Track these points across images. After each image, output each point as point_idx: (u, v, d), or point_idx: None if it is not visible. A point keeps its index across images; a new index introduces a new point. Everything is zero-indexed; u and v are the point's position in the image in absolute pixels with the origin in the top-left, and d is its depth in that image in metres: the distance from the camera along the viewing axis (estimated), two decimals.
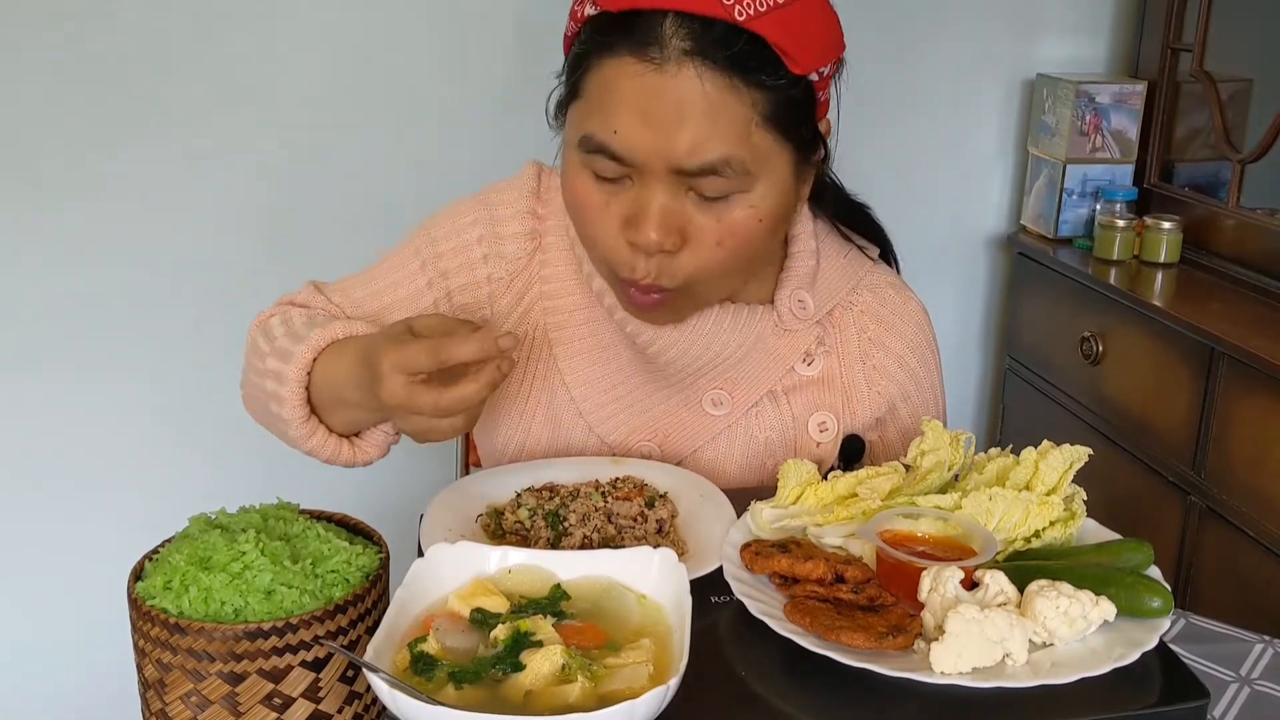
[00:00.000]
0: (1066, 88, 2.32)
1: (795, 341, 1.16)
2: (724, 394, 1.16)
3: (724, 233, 1.00)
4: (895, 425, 1.21)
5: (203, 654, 0.81)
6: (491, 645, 0.79)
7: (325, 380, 1.05)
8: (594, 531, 1.01)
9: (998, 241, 2.56)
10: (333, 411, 1.07)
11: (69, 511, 2.20)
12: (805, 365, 1.17)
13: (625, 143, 0.96)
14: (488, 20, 2.18)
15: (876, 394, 1.19)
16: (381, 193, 2.21)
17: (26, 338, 2.12)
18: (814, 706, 0.79)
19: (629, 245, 1.00)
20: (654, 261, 1.00)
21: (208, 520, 0.91)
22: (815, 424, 1.17)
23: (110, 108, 2.05)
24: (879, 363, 1.19)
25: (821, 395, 1.18)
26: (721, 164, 0.96)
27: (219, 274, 2.17)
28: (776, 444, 1.17)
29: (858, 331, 1.20)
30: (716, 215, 0.99)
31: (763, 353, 1.15)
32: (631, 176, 0.99)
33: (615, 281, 1.06)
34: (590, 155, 0.99)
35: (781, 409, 1.17)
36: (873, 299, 1.21)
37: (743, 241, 1.01)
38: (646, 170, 0.97)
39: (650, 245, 0.98)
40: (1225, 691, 0.94)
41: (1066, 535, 0.95)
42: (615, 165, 0.98)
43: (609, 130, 0.97)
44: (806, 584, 0.88)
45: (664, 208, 0.98)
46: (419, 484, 1.51)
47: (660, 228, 0.98)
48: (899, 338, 1.20)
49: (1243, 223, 2.14)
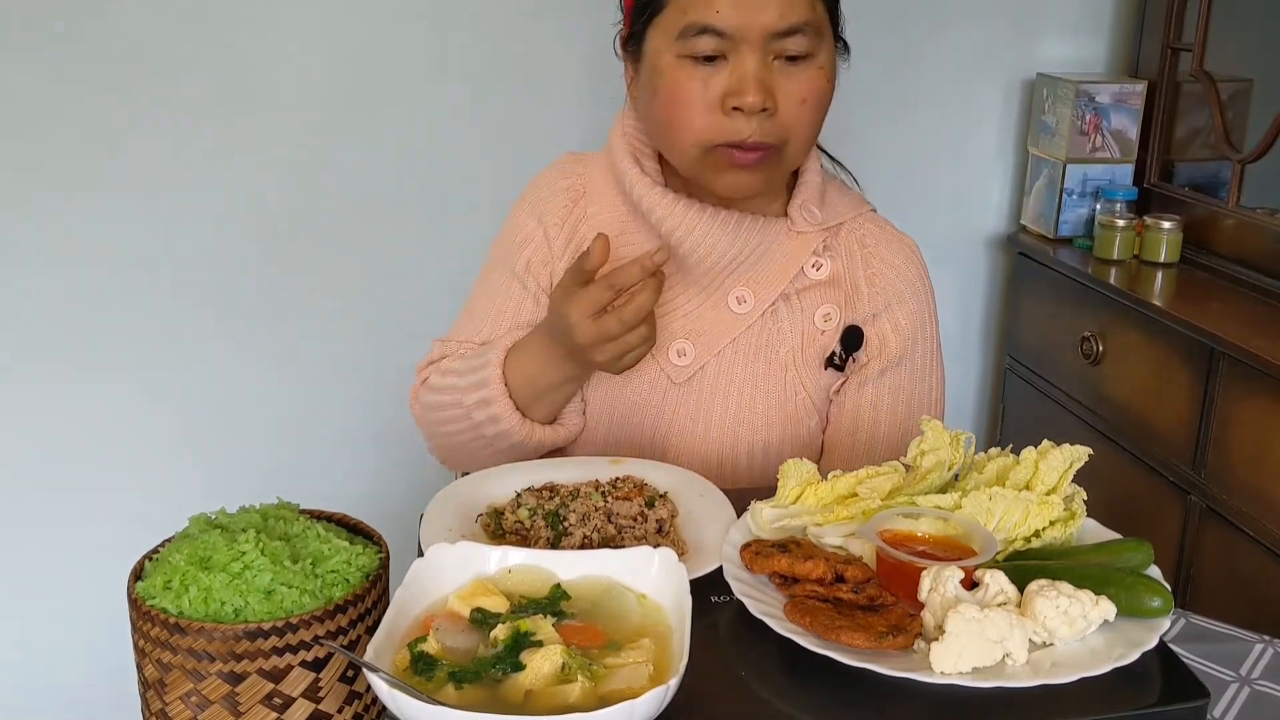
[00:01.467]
0: (1066, 87, 2.32)
1: (805, 242, 1.32)
2: (747, 291, 1.31)
3: (806, 90, 1.21)
4: (890, 322, 1.33)
5: (203, 654, 0.81)
6: (491, 645, 0.79)
7: (518, 381, 1.24)
8: (594, 531, 1.01)
9: (998, 241, 2.56)
10: (533, 405, 1.26)
11: (69, 511, 2.20)
12: (814, 270, 1.33)
13: (726, 18, 1.18)
14: (488, 20, 2.18)
15: (875, 292, 1.33)
16: (382, 193, 2.22)
17: (26, 337, 2.12)
18: (814, 706, 0.79)
19: (729, 114, 1.20)
20: (755, 121, 1.19)
21: (208, 520, 0.91)
22: (820, 315, 1.32)
23: (110, 107, 2.05)
24: (878, 269, 1.34)
25: (827, 292, 1.33)
26: (803, 24, 1.19)
27: (219, 273, 2.17)
28: (789, 335, 1.32)
29: (860, 245, 1.35)
30: (797, 77, 1.21)
31: (778, 253, 1.31)
32: (726, 54, 1.19)
33: (710, 156, 1.23)
34: (693, 39, 1.19)
35: (793, 307, 1.32)
36: (874, 227, 1.37)
37: (819, 98, 1.23)
38: (742, 40, 1.18)
39: (755, 105, 1.18)
40: (1225, 691, 0.94)
41: (1066, 535, 0.95)
42: (716, 41, 1.18)
43: (711, 12, 1.18)
44: (806, 584, 0.88)
45: (759, 74, 1.19)
46: (419, 484, 1.51)
47: (761, 90, 1.18)
48: (896, 255, 1.35)
49: (1243, 222, 2.14)
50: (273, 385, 2.25)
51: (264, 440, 2.28)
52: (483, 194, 2.19)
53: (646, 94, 1.26)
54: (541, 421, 1.27)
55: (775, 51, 1.20)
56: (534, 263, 1.35)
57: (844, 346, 1.32)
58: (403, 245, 2.24)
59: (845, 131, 1.93)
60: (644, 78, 1.26)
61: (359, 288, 2.25)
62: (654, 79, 1.24)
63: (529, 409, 1.25)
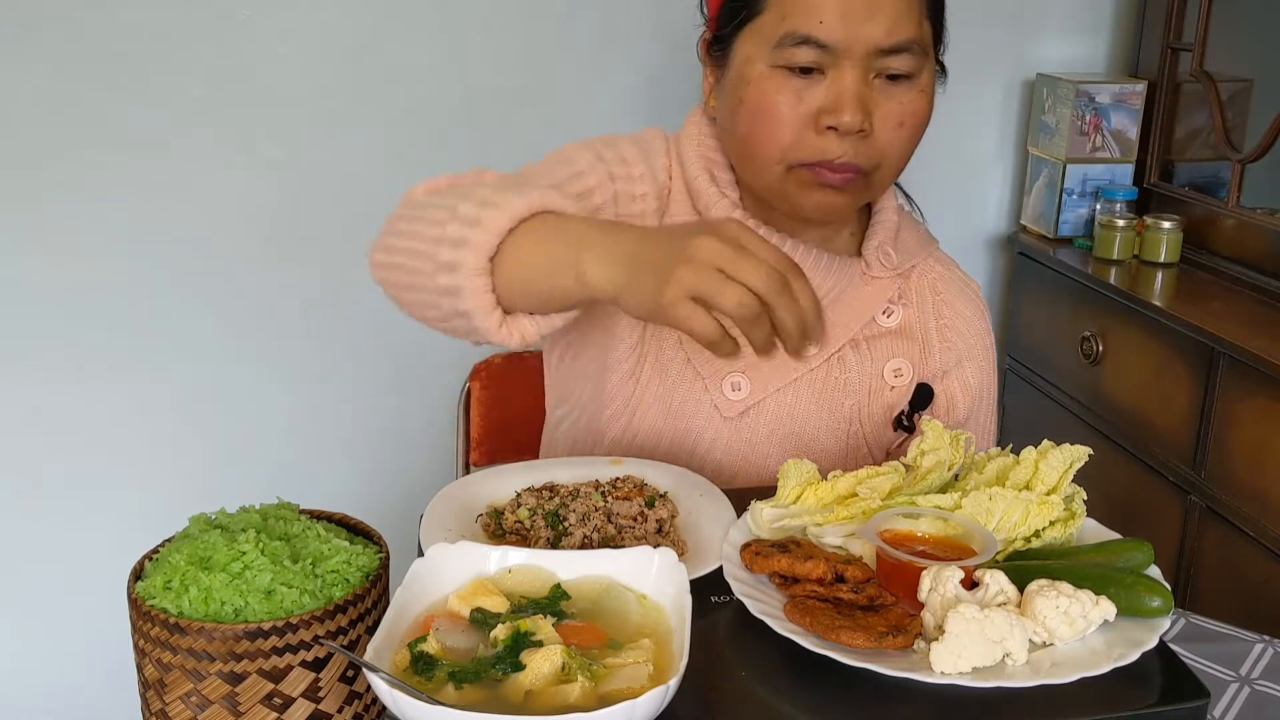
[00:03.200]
0: (1066, 88, 2.32)
1: (880, 289, 1.26)
2: None
3: (905, 113, 1.13)
4: (959, 380, 1.29)
5: (203, 654, 0.81)
6: (491, 645, 0.79)
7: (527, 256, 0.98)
8: (594, 531, 1.01)
9: (998, 241, 2.56)
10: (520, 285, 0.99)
11: (69, 511, 2.20)
12: (885, 317, 1.27)
13: (831, 31, 1.09)
14: (489, 20, 2.18)
15: (947, 347, 1.28)
16: (382, 192, 2.21)
17: (26, 337, 2.12)
18: (814, 706, 0.79)
19: (824, 132, 1.11)
20: (848, 142, 1.11)
21: (208, 520, 0.91)
22: (891, 369, 1.26)
23: (110, 107, 2.05)
24: (950, 321, 1.29)
25: (899, 344, 1.27)
26: (910, 42, 1.11)
27: (219, 273, 2.17)
28: (855, 385, 1.25)
29: (931, 292, 1.30)
30: (898, 98, 1.13)
31: (851, 298, 1.25)
32: (824, 68, 1.11)
33: (794, 174, 1.14)
34: (790, 49, 1.10)
35: (861, 355, 1.26)
36: (943, 270, 1.32)
37: (917, 123, 1.15)
38: (846, 55, 1.10)
39: (852, 125, 1.10)
40: (1225, 691, 0.94)
41: (1066, 535, 0.95)
42: (816, 53, 1.10)
43: (814, 21, 1.09)
44: (806, 584, 0.88)
45: (859, 92, 1.10)
46: (419, 484, 1.51)
47: (859, 109, 1.10)
48: (966, 304, 1.31)
49: (1243, 222, 2.14)
50: (273, 385, 2.25)
51: (264, 440, 2.28)
52: None
53: (730, 103, 1.17)
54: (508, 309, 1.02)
55: (878, 69, 1.11)
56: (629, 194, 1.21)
57: (912, 406, 1.26)
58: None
59: None
60: (729, 86, 1.17)
61: (360, 287, 2.24)
62: (740, 88, 1.15)
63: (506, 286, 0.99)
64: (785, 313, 0.88)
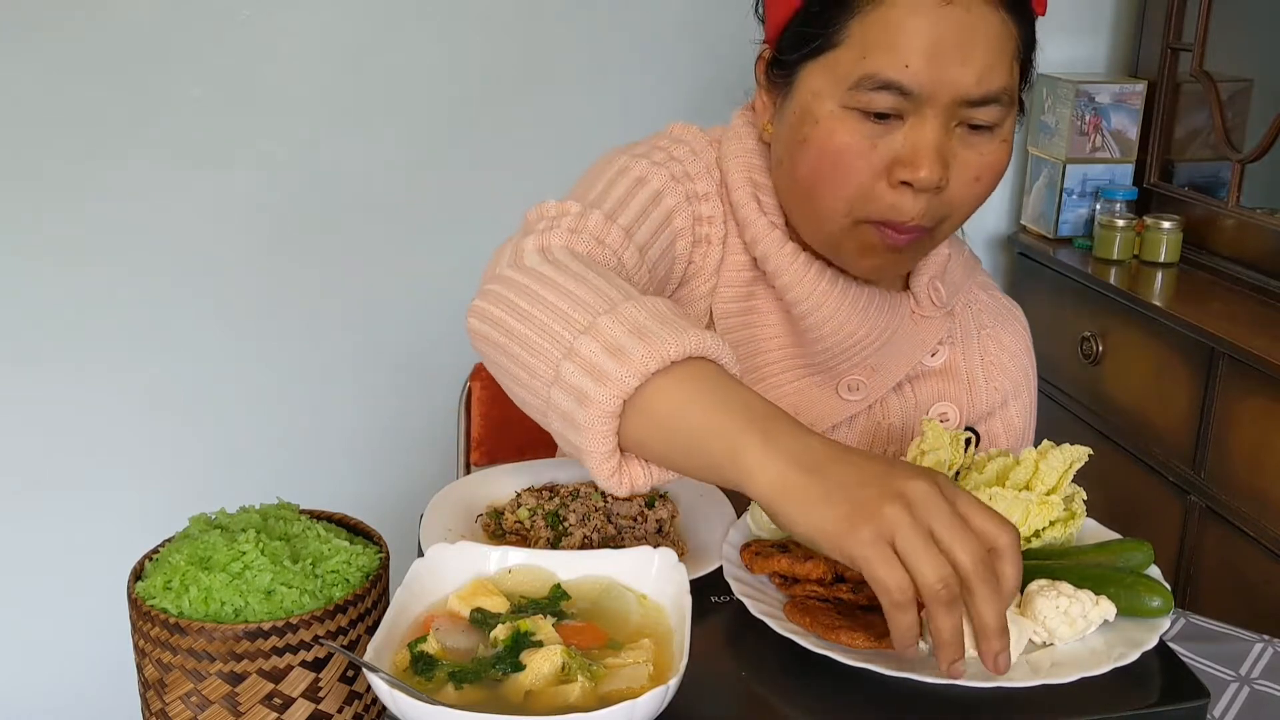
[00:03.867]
0: (1066, 88, 2.32)
1: (930, 329, 1.18)
2: (861, 380, 1.16)
3: (983, 166, 1.02)
4: (1003, 421, 1.23)
5: (203, 654, 0.81)
6: (491, 645, 0.79)
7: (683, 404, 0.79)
8: (594, 531, 1.01)
9: (998, 241, 2.56)
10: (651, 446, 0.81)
11: (69, 511, 2.20)
12: (931, 357, 1.19)
13: (917, 76, 0.97)
14: (489, 19, 2.18)
15: (994, 388, 1.22)
16: (383, 195, 2.22)
17: (26, 337, 2.12)
18: (814, 706, 0.79)
19: (897, 187, 1.00)
20: (923, 199, 1.01)
21: (208, 520, 0.91)
22: (936, 413, 1.19)
23: (110, 107, 2.05)
24: (995, 357, 1.22)
25: (945, 386, 1.20)
26: (1001, 92, 1.00)
27: (220, 274, 2.17)
28: (898, 431, 1.18)
29: (977, 327, 1.23)
30: (979, 149, 1.02)
31: (902, 339, 1.16)
32: (903, 115, 0.99)
33: (860, 230, 1.04)
34: (870, 94, 0.98)
35: (905, 398, 1.19)
36: (987, 298, 1.25)
37: (994, 175, 1.04)
38: (930, 103, 0.98)
39: (929, 182, 0.99)
40: (1225, 691, 0.94)
41: (1066, 535, 0.95)
42: (898, 100, 0.98)
43: (899, 65, 0.97)
44: (806, 584, 0.88)
45: (940, 144, 0.99)
46: (419, 484, 1.51)
47: (939, 164, 0.99)
48: (1012, 336, 1.24)
49: (1243, 222, 2.14)
50: (273, 385, 2.25)
51: (264, 440, 2.28)
52: (484, 196, 2.19)
53: (791, 138, 1.05)
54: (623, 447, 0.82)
55: (961, 119, 1.00)
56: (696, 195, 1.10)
57: None
58: (404, 246, 2.24)
59: None
60: (790, 119, 1.05)
61: (360, 287, 2.25)
62: (806, 125, 1.03)
63: (634, 436, 0.80)
64: (986, 606, 0.72)
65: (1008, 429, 1.23)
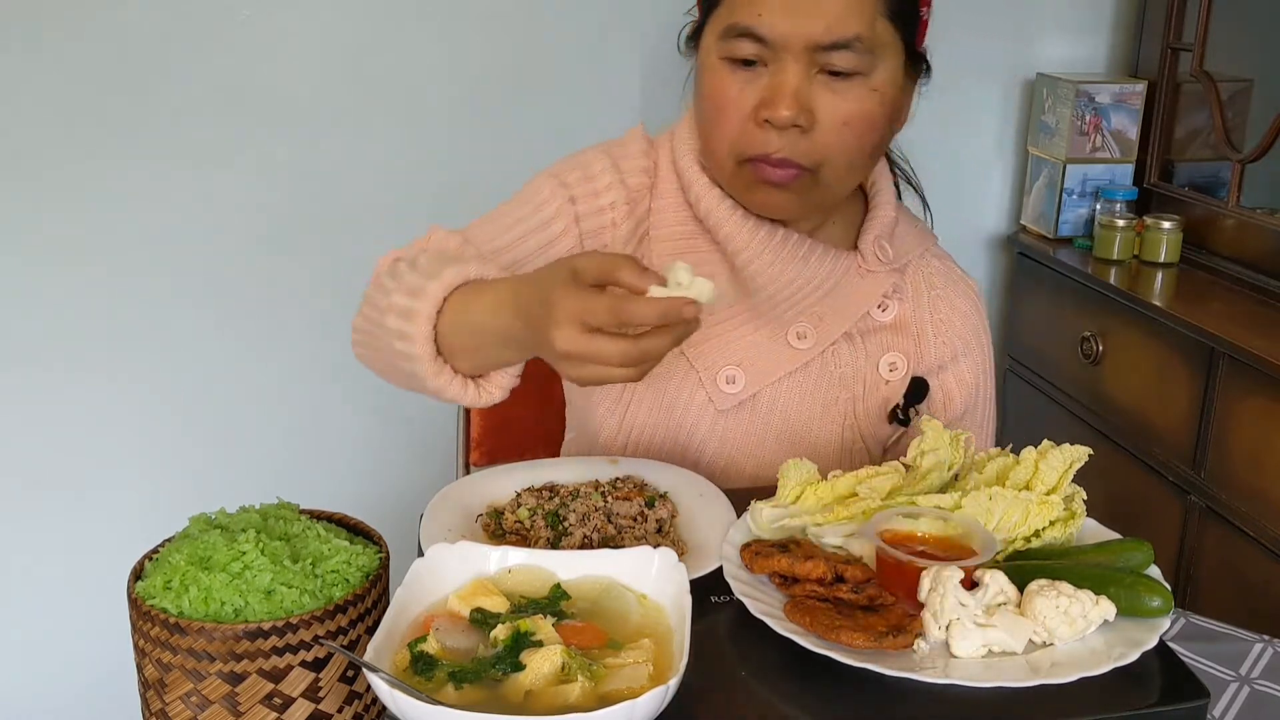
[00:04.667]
0: (1066, 87, 2.32)
1: (875, 283, 1.26)
2: (809, 327, 1.24)
3: (851, 113, 1.12)
4: (955, 375, 1.29)
5: (203, 654, 0.81)
6: (491, 645, 0.79)
7: (460, 321, 1.02)
8: (594, 531, 1.01)
9: (998, 241, 2.56)
10: (463, 353, 1.03)
11: (69, 511, 2.20)
12: (880, 311, 1.27)
13: (769, 23, 1.09)
14: (489, 19, 2.18)
15: (942, 342, 1.28)
16: (382, 192, 2.22)
17: (26, 337, 2.12)
18: (814, 706, 0.79)
19: (762, 125, 1.11)
20: (788, 137, 1.11)
21: (208, 520, 0.91)
22: (886, 363, 1.26)
23: (110, 108, 2.05)
24: (945, 316, 1.29)
25: (894, 338, 1.27)
26: (853, 39, 1.09)
27: (219, 273, 2.17)
28: (850, 379, 1.25)
29: (927, 287, 1.30)
30: (843, 95, 1.11)
31: (846, 290, 1.24)
32: (767, 61, 1.10)
33: (744, 169, 1.15)
34: (733, 41, 1.11)
35: (856, 349, 1.26)
36: (940, 265, 1.32)
37: (867, 124, 1.13)
38: (784, 49, 1.09)
39: (784, 120, 1.09)
40: (1225, 691, 0.94)
41: (1066, 535, 0.95)
42: (755, 46, 1.10)
43: (754, 14, 1.09)
44: (806, 584, 0.88)
45: (797, 86, 1.10)
46: (419, 484, 1.51)
47: (794, 103, 1.09)
48: (964, 300, 1.31)
49: (1243, 222, 2.14)
50: (273, 385, 2.25)
51: (264, 440, 2.28)
52: (483, 196, 2.18)
53: (695, 96, 1.19)
54: (466, 373, 1.05)
55: (820, 65, 1.10)
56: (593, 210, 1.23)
57: (907, 400, 1.25)
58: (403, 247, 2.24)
59: None
60: (696, 77, 1.19)
61: (360, 287, 2.24)
62: (700, 78, 1.17)
63: (454, 352, 1.03)
64: (659, 349, 0.89)
65: (960, 382, 1.29)
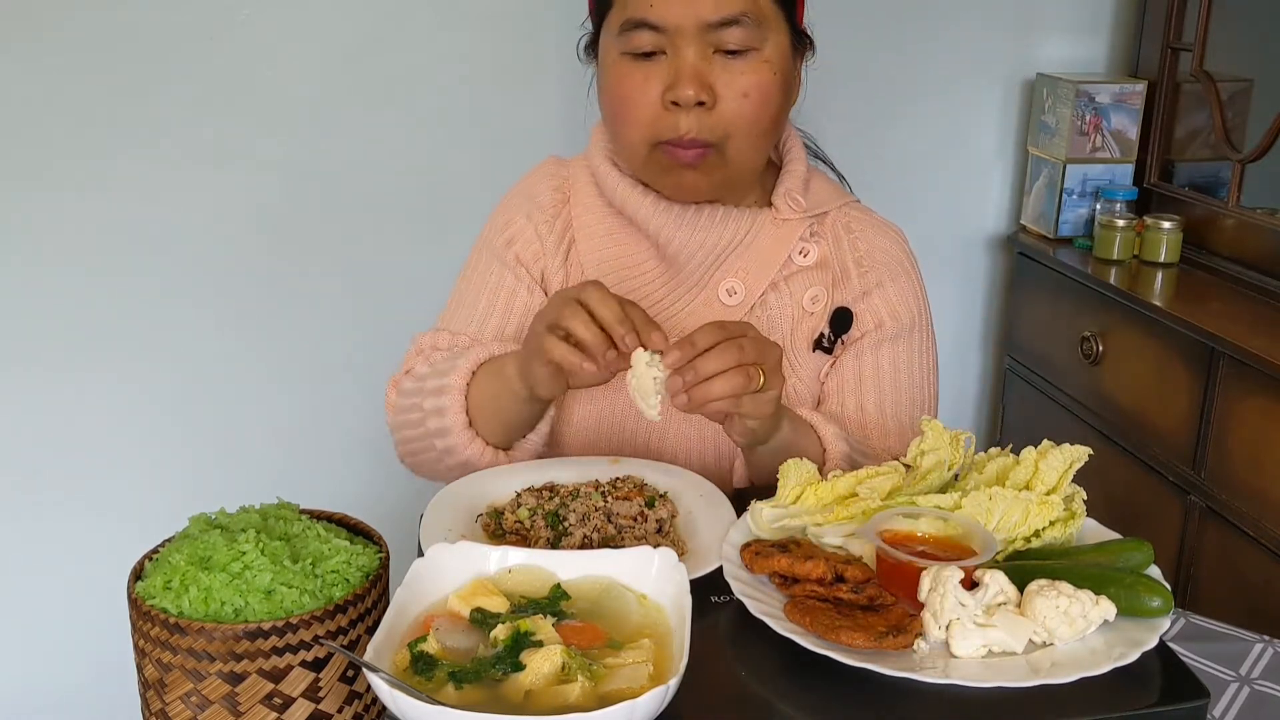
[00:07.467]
0: (1066, 87, 2.32)
1: (791, 229, 1.31)
2: (737, 283, 1.29)
3: (747, 83, 1.19)
4: (882, 299, 1.32)
5: (203, 654, 0.81)
6: (491, 645, 0.79)
7: (480, 397, 1.19)
8: (594, 531, 1.01)
9: (998, 241, 2.56)
10: (493, 419, 1.19)
11: (69, 511, 2.20)
12: (801, 256, 1.32)
13: (661, 12, 1.16)
14: (488, 19, 2.18)
15: (865, 272, 1.32)
16: (382, 192, 2.22)
17: (26, 337, 2.12)
18: (814, 706, 0.79)
19: (669, 109, 1.18)
20: (694, 116, 1.18)
21: (208, 520, 0.91)
22: (808, 297, 1.31)
23: (110, 108, 2.05)
24: (866, 252, 1.33)
25: (815, 275, 1.32)
26: (739, 15, 1.17)
27: (219, 274, 2.17)
28: (778, 321, 1.31)
29: (846, 231, 1.34)
30: (739, 70, 1.19)
31: (765, 242, 1.30)
32: (665, 50, 1.18)
33: (655, 155, 1.22)
34: (630, 35, 1.18)
35: (782, 294, 1.31)
36: (860, 214, 1.37)
37: (763, 93, 1.20)
38: (678, 34, 1.17)
39: (690, 98, 1.17)
40: (1225, 691, 0.94)
41: (1066, 535, 0.95)
42: (653, 36, 1.18)
43: (646, 6, 1.17)
44: (806, 584, 0.88)
45: (696, 66, 1.17)
46: (419, 484, 1.51)
47: (696, 82, 1.17)
48: (884, 238, 1.35)
49: (1243, 222, 2.14)
50: (273, 385, 2.25)
51: (264, 440, 2.28)
52: (482, 197, 2.18)
53: (600, 96, 1.27)
54: (496, 445, 1.21)
55: (714, 44, 1.18)
56: (525, 256, 1.33)
57: (832, 328, 1.31)
58: (404, 246, 2.24)
59: (845, 132, 1.93)
60: (598, 78, 1.27)
61: (359, 288, 2.25)
62: (602, 78, 1.25)
63: (483, 427, 1.19)
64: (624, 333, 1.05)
65: (888, 305, 1.32)
